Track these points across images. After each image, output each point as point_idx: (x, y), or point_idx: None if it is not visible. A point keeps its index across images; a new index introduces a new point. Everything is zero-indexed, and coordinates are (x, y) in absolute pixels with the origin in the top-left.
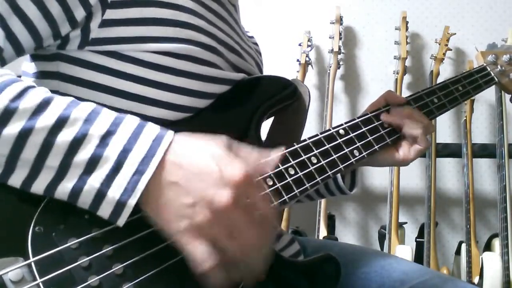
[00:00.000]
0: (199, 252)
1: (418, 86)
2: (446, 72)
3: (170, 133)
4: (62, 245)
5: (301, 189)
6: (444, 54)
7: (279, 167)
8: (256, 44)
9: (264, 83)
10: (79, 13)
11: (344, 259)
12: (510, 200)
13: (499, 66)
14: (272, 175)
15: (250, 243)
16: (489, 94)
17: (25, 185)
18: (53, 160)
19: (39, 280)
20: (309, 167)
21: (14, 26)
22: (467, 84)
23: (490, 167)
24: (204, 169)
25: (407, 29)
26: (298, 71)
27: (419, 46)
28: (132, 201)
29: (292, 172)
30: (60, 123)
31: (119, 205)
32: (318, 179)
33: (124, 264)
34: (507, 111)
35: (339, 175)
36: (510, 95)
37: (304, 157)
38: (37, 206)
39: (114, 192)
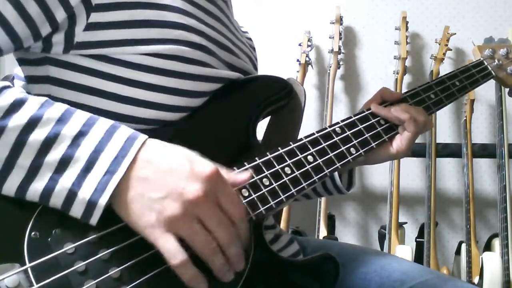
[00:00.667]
0: (169, 247)
1: None
2: (446, 72)
3: (143, 135)
4: (58, 250)
5: (298, 188)
6: (444, 54)
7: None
8: (250, 39)
9: (260, 83)
10: (60, 14)
11: (344, 259)
12: (510, 200)
13: (496, 60)
14: (268, 175)
15: (221, 241)
16: (489, 94)
17: None
18: (25, 160)
19: (35, 286)
20: (306, 166)
21: None
22: (464, 79)
23: (490, 167)
24: (175, 164)
25: (407, 29)
26: (298, 71)
27: (419, 46)
28: (102, 201)
29: (288, 171)
30: (33, 123)
31: (90, 205)
32: (315, 177)
33: (121, 267)
34: (507, 111)
35: (336, 174)
36: (508, 89)
37: (300, 156)
38: (33, 211)
39: (85, 192)
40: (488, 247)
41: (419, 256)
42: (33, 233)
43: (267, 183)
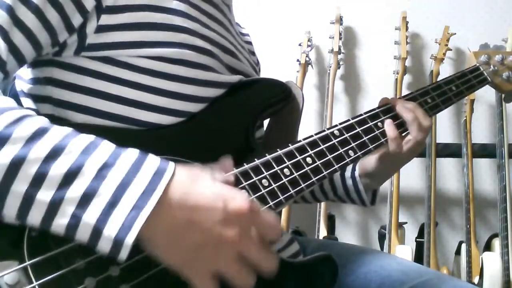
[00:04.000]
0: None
1: (418, 86)
2: (446, 72)
3: (171, 166)
4: (58, 249)
5: (296, 189)
6: (444, 54)
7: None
8: (249, 43)
9: (259, 85)
10: (76, 20)
11: (344, 259)
12: (510, 200)
13: (491, 66)
14: (267, 175)
15: (258, 264)
16: (489, 94)
17: (19, 218)
18: (45, 194)
19: (35, 283)
20: (304, 168)
21: (16, 38)
22: (460, 84)
23: (490, 167)
24: (208, 204)
25: (407, 29)
26: (298, 71)
27: (419, 46)
28: (129, 239)
29: (287, 172)
30: (55, 154)
31: (117, 243)
32: (314, 179)
33: (121, 266)
34: (507, 111)
35: (361, 186)
36: (503, 95)
37: (299, 157)
38: None
39: (111, 229)
40: (488, 247)
41: (419, 256)
42: (33, 232)
43: (266, 184)
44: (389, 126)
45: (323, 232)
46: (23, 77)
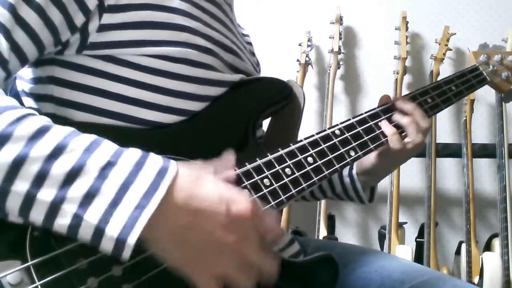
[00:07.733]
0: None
1: (418, 86)
2: (446, 72)
3: (173, 165)
4: (60, 249)
5: (297, 189)
6: (444, 54)
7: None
8: (250, 44)
9: (259, 85)
10: (79, 19)
11: (344, 259)
12: (510, 200)
13: (491, 66)
14: (269, 175)
15: (260, 267)
16: (489, 94)
17: (22, 217)
18: (46, 193)
19: (37, 283)
20: (306, 167)
21: (18, 37)
22: (460, 84)
23: (490, 167)
24: (210, 206)
25: (407, 29)
26: (298, 71)
27: (419, 46)
28: (131, 239)
29: (289, 172)
30: (56, 152)
31: (120, 243)
32: (315, 179)
33: (123, 266)
34: (507, 111)
35: (359, 184)
36: (502, 95)
37: (300, 157)
38: None
39: (113, 230)
40: (488, 247)
41: (419, 256)
42: (35, 232)
43: (268, 184)
44: (384, 125)
45: (323, 232)
46: (24, 76)
